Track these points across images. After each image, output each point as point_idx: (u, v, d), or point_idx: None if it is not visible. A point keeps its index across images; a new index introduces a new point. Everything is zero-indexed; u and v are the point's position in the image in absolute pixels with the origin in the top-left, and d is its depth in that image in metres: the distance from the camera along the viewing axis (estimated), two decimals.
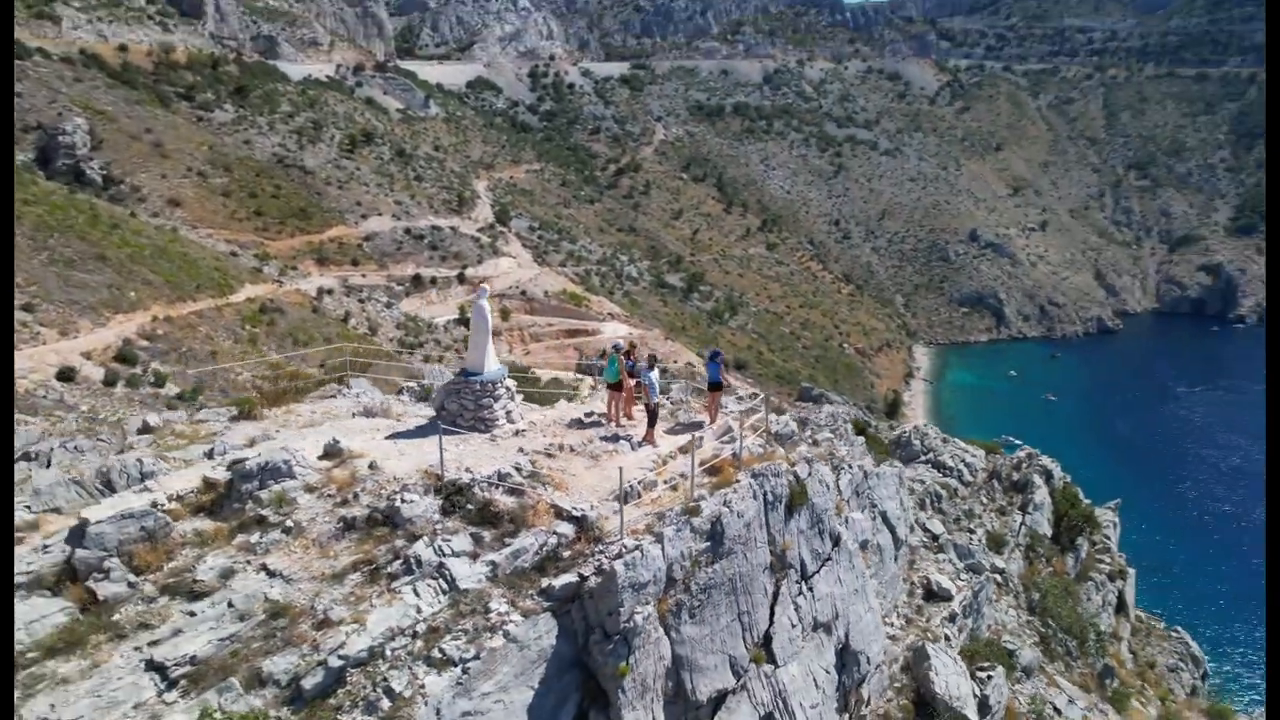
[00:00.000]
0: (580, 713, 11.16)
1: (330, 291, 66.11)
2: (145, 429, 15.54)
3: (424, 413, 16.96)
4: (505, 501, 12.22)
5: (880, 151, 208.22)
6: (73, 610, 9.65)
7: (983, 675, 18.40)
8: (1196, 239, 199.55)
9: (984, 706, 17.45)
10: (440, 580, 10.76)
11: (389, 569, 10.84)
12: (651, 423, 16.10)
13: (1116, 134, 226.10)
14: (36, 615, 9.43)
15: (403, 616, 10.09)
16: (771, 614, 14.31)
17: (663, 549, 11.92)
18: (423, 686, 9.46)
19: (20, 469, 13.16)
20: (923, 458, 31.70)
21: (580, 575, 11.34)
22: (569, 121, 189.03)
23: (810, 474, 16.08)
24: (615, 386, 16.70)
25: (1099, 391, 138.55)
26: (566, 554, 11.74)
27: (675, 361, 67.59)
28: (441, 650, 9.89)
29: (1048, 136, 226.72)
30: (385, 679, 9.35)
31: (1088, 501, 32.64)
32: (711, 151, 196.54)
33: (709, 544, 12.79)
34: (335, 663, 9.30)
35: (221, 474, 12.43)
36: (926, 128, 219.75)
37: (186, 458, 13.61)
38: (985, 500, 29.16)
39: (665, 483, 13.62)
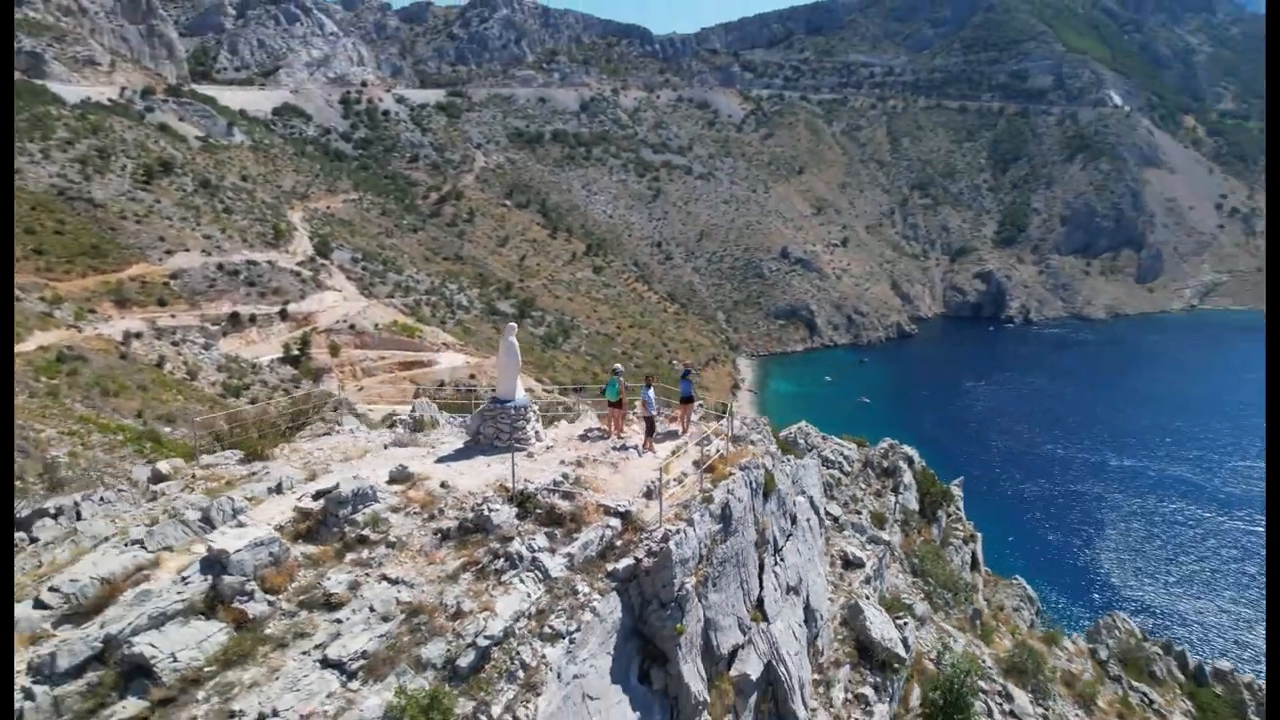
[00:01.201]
0: (643, 671, 13.48)
1: (138, 335, 60.61)
2: (158, 477, 15.59)
3: (443, 439, 18.76)
4: (563, 505, 14.38)
5: (695, 176, 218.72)
6: (229, 629, 10.88)
7: (900, 623, 22.13)
8: (971, 250, 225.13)
9: (905, 645, 21.22)
10: (536, 571, 12.85)
11: (493, 566, 12.76)
12: (649, 432, 18.43)
13: (900, 158, 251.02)
14: (202, 636, 10.68)
15: (521, 602, 12.13)
16: (760, 581, 17.10)
17: (695, 531, 14.56)
18: (544, 657, 11.56)
19: (51, 525, 13.41)
20: (809, 453, 35.02)
21: (635, 558, 13.65)
22: (386, 149, 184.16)
23: (774, 466, 19.24)
24: (615, 404, 18.98)
25: (904, 391, 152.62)
26: (619, 542, 14.05)
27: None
28: (551, 627, 12.03)
29: (843, 160, 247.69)
30: (517, 653, 11.41)
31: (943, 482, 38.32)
32: (533, 178, 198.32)
33: (721, 526, 15.58)
34: (482, 643, 11.23)
35: (308, 503, 13.77)
36: (736, 153, 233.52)
37: (250, 494, 14.45)
38: (864, 486, 33.19)
39: (676, 481, 15.89)
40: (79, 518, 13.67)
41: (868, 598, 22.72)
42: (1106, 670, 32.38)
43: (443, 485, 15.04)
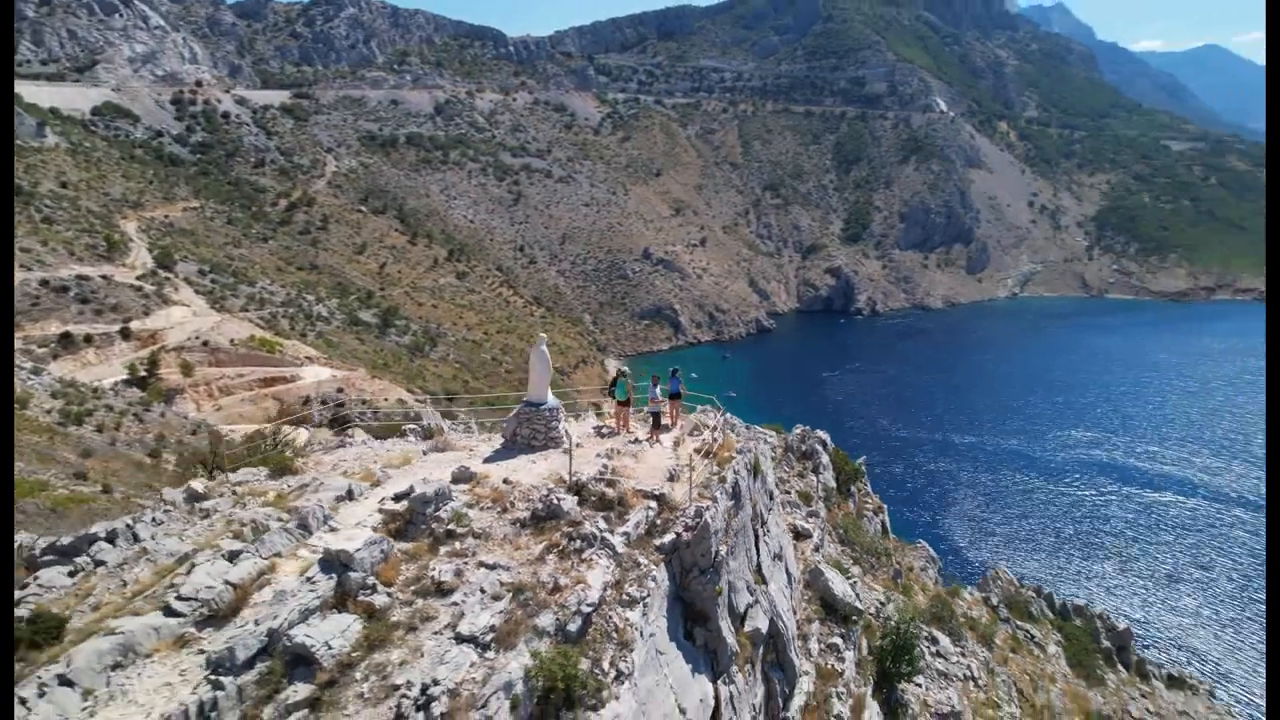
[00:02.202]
0: (686, 630, 15.76)
1: None
2: (194, 495, 15.89)
3: (472, 444, 20.32)
4: (610, 492, 16.31)
5: (555, 179, 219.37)
6: (361, 619, 12.21)
7: (850, 582, 25.23)
8: (821, 247, 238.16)
9: (859, 600, 24.83)
10: (606, 549, 14.69)
11: (572, 547, 14.54)
12: (656, 426, 20.76)
13: (752, 160, 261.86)
14: (343, 626, 11.99)
15: (604, 574, 14.00)
16: (757, 549, 19.64)
17: (719, 507, 16.93)
18: (628, 619, 13.54)
19: (111, 548, 13.71)
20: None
21: (676, 533, 15.87)
22: (227, 154, 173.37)
23: (758, 451, 21.99)
24: (623, 403, 21.17)
25: (767, 383, 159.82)
26: (659, 521, 16.18)
27: (386, 399, 66.42)
28: (628, 594, 14.02)
29: (698, 163, 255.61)
30: (610, 617, 13.38)
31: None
32: (389, 183, 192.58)
33: (733, 501, 18.15)
34: (585, 610, 13.10)
35: (391, 505, 15.29)
36: (594, 156, 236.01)
37: (318, 503, 15.48)
38: (788, 468, 35.84)
39: (688, 465, 18.16)
40: (136, 539, 13.91)
41: (822, 562, 25.83)
42: (998, 614, 38.39)
43: (505, 481, 16.88)
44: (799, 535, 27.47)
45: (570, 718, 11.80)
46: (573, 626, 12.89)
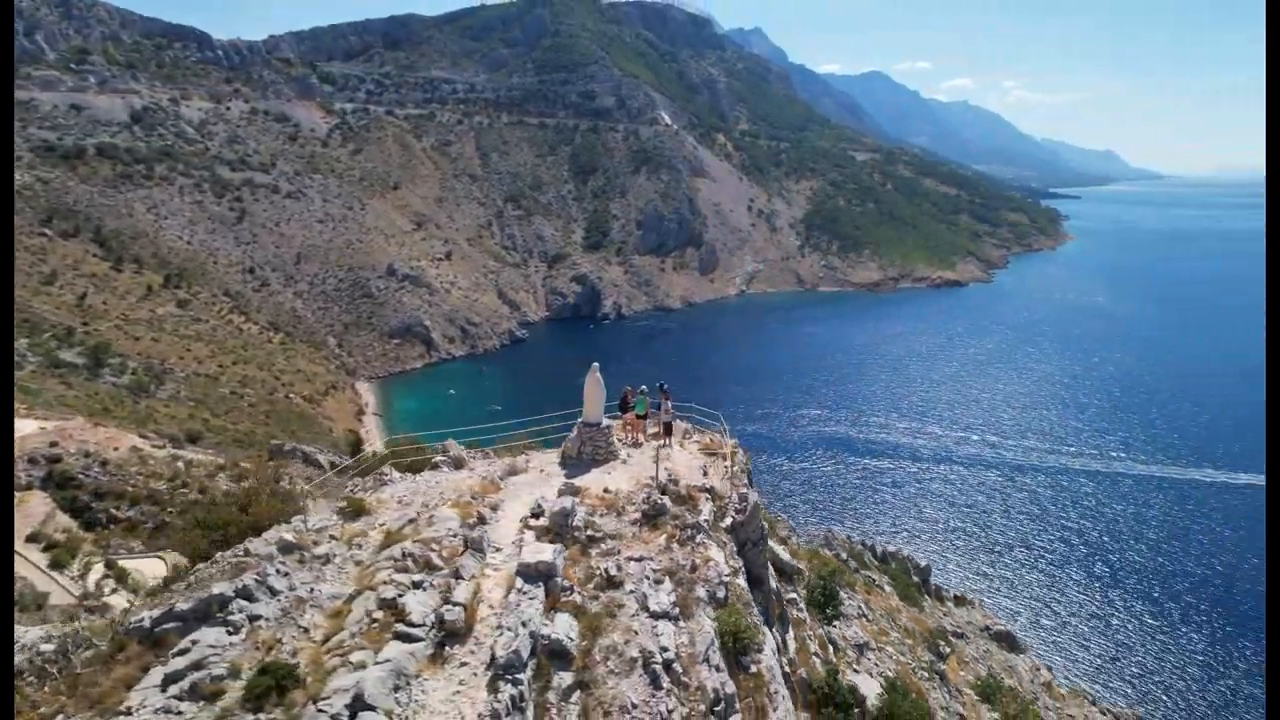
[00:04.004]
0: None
1: None
2: (289, 546, 15.90)
3: (535, 465, 22.54)
4: (681, 490, 19.43)
5: (283, 195, 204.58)
6: (572, 614, 14.92)
7: (784, 550, 30.65)
8: (565, 256, 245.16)
9: (795, 561, 30.69)
10: (704, 533, 18.19)
11: (685, 535, 17.80)
12: (668, 433, 24.08)
13: (491, 171, 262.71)
14: (568, 622, 14.57)
15: (718, 552, 18.00)
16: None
17: (753, 493, 21.70)
18: (740, 584, 17.87)
19: (263, 604, 14.02)
20: None
21: (733, 516, 20.07)
22: None
23: (741, 447, 25.86)
24: (641, 417, 24.45)
25: (527, 393, 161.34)
26: (716, 507, 19.71)
27: (116, 449, 59.20)
28: (730, 564, 18.17)
29: (436, 175, 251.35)
30: (734, 584, 17.66)
31: None
32: (79, 201, 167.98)
33: (749, 488, 22.35)
34: (725, 581, 17.25)
35: (533, 521, 17.49)
36: (325, 169, 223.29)
37: (451, 530, 16.93)
38: None
39: (709, 464, 22.22)
40: (274, 592, 14.00)
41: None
42: (849, 565, 45.57)
43: (605, 491, 19.70)
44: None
45: (746, 659, 16.54)
46: (720, 594, 16.92)
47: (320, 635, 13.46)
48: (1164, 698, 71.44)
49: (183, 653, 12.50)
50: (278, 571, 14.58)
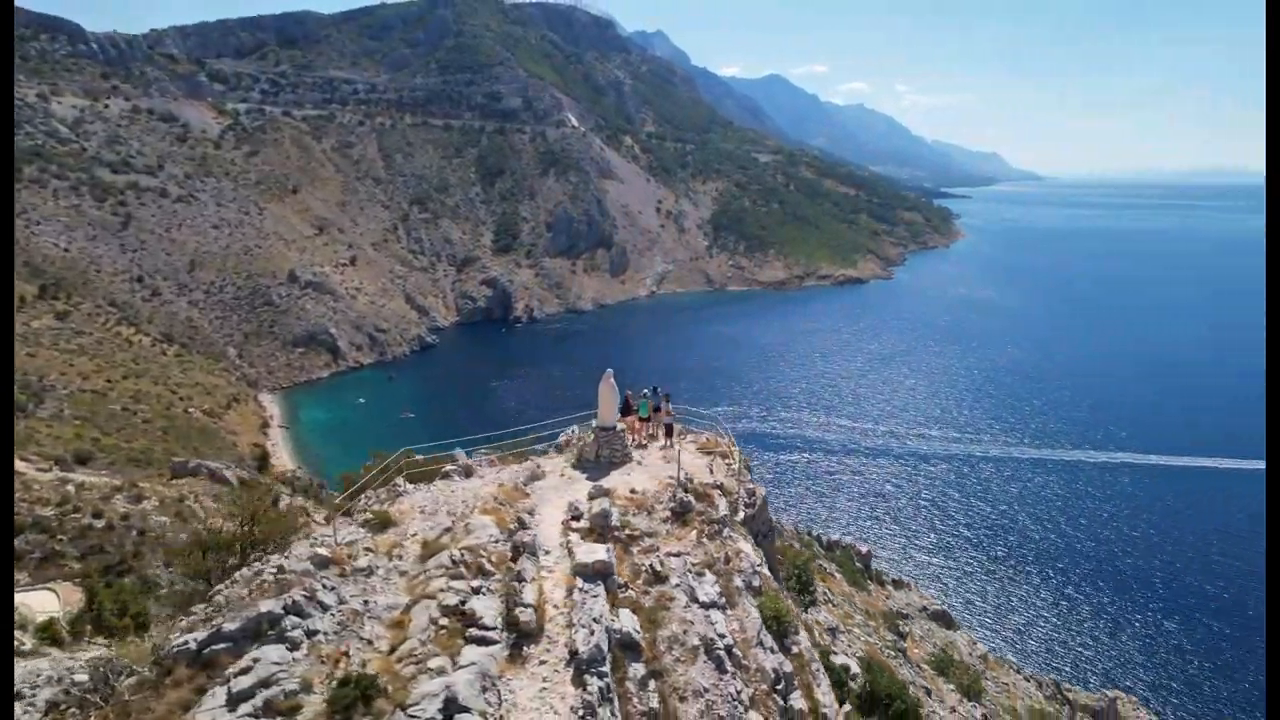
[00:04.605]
0: None
1: None
2: (324, 560, 15.71)
3: (549, 468, 23.18)
4: (696, 488, 20.43)
5: (173, 199, 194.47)
6: (630, 609, 15.94)
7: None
8: (475, 259, 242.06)
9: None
10: (728, 527, 19.55)
11: (711, 530, 18.79)
12: (669, 434, 25.49)
13: (395, 174, 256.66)
14: (630, 616, 15.51)
15: (745, 544, 19.75)
16: None
17: (761, 488, 23.71)
18: (766, 572, 19.43)
19: (318, 619, 14.08)
20: None
21: (745, 509, 21.50)
22: None
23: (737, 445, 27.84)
24: (645, 419, 25.61)
25: (440, 399, 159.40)
26: (728, 502, 21.03)
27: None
28: (758, 555, 20.01)
29: (338, 178, 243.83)
30: (762, 573, 19.42)
31: None
32: None
33: (754, 481, 24.32)
34: (757, 569, 18.95)
35: (575, 524, 18.35)
36: (218, 172, 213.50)
37: (492, 536, 17.39)
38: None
39: (713, 462, 23.41)
40: (324, 607, 14.40)
41: None
42: (813, 553, 48.81)
43: (633, 491, 20.52)
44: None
45: (787, 640, 18.25)
46: (755, 583, 18.59)
47: (385, 646, 13.72)
48: (1069, 659, 76.82)
49: (245, 671, 12.48)
50: (324, 586, 14.62)
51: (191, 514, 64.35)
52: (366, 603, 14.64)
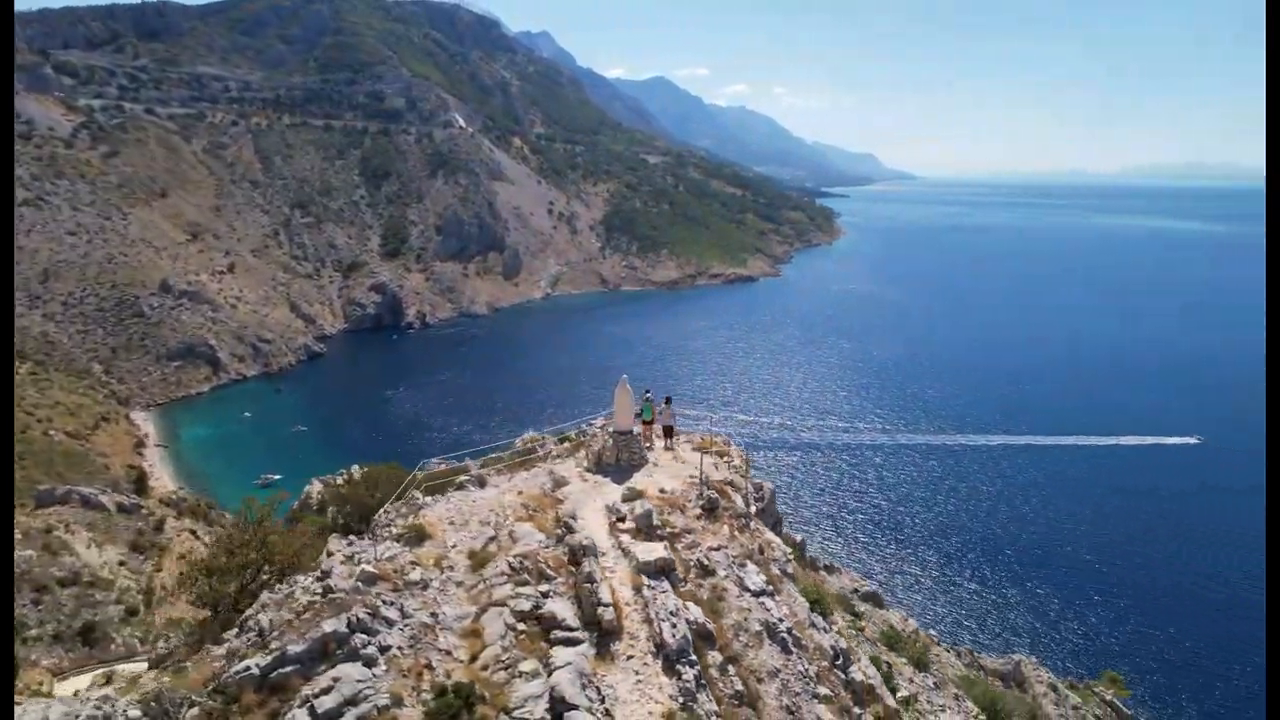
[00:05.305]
0: None
1: None
2: (371, 578, 15.54)
3: (569, 474, 23.15)
4: (716, 485, 21.66)
5: (20, 203, 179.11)
6: (695, 602, 16.78)
7: None
8: (362, 264, 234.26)
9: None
10: (752, 520, 21.32)
11: (741, 524, 20.26)
12: (669, 435, 26.28)
13: (275, 177, 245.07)
14: (695, 609, 16.41)
15: (773, 536, 21.68)
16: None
17: (768, 483, 26.81)
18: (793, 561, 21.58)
19: (382, 635, 13.97)
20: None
21: (756, 503, 22.83)
22: None
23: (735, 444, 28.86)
24: (648, 422, 25.94)
25: (333, 410, 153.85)
26: (742, 496, 22.51)
27: None
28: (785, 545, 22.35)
29: (211, 181, 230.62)
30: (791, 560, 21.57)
31: None
32: None
33: (756, 475, 25.84)
34: (789, 558, 20.90)
35: (621, 525, 19.02)
36: (73, 174, 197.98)
37: (540, 540, 17.85)
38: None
39: (716, 462, 24.38)
40: (390, 622, 14.42)
41: None
42: None
43: (661, 491, 21.16)
44: None
45: (826, 620, 19.63)
46: (789, 570, 20.67)
47: (464, 655, 13.91)
48: (973, 627, 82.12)
49: (326, 691, 12.35)
50: (384, 602, 14.57)
51: (63, 545, 60.05)
52: (435, 615, 14.85)
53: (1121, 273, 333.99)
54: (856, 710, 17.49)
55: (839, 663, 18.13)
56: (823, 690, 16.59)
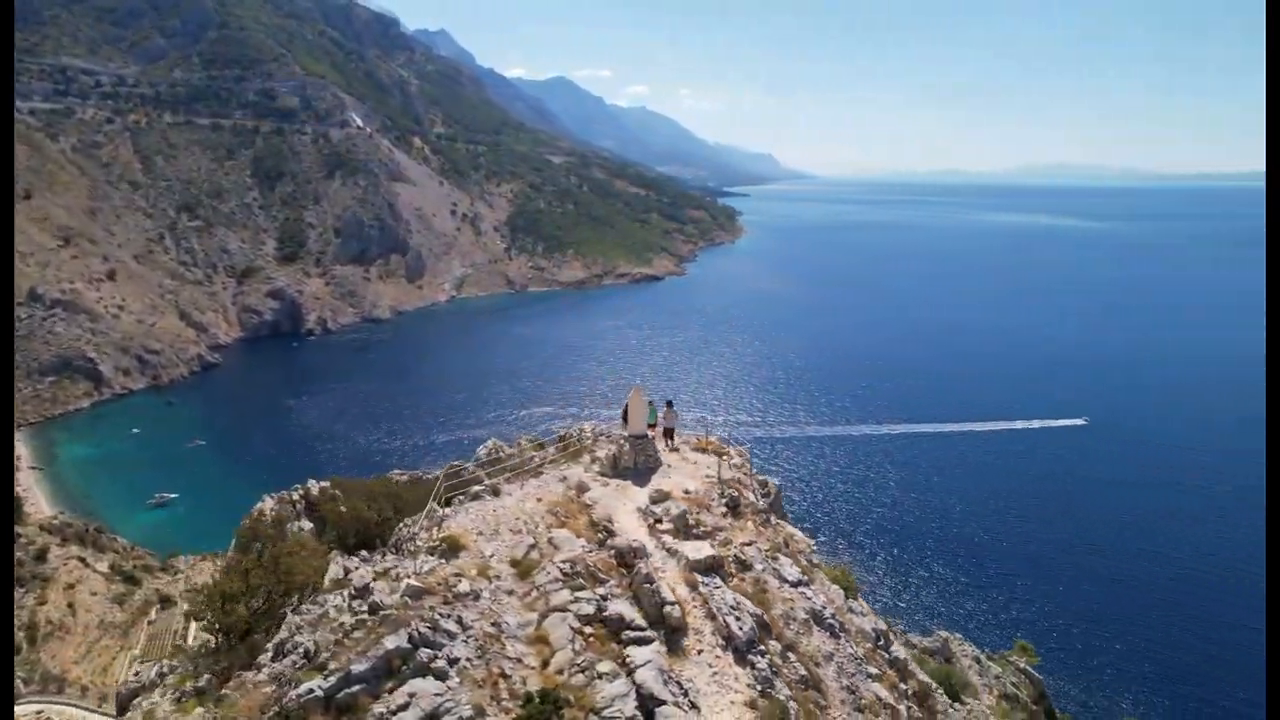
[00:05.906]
0: None
1: None
2: (418, 592, 15.26)
3: (589, 479, 23.06)
4: (732, 482, 22.81)
5: None
6: (746, 594, 17.76)
7: None
8: (257, 269, 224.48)
9: None
10: (770, 514, 22.39)
11: (763, 519, 21.30)
12: (670, 436, 27.04)
13: (157, 178, 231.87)
14: (746, 601, 17.02)
15: (795, 529, 23.41)
16: None
17: (773, 480, 27.62)
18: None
19: (446, 649, 13.99)
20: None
21: (766, 497, 24.29)
22: None
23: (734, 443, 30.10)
24: (652, 425, 26.46)
25: (232, 422, 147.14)
26: (752, 490, 23.74)
27: None
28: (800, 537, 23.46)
29: (84, 182, 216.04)
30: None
31: None
32: None
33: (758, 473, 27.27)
34: (815, 550, 21.79)
35: (658, 525, 19.49)
36: None
37: (582, 545, 18.29)
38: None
39: (718, 464, 24.81)
40: (451, 635, 14.47)
41: None
42: None
43: (685, 492, 21.70)
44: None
45: (853, 605, 20.92)
46: (815, 560, 21.90)
47: (534, 661, 13.90)
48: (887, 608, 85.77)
49: (404, 708, 12.28)
50: (441, 615, 14.54)
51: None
52: (496, 624, 14.79)
53: (1014, 265, 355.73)
54: (903, 685, 19.27)
55: (880, 643, 19.96)
56: (872, 669, 18.04)
